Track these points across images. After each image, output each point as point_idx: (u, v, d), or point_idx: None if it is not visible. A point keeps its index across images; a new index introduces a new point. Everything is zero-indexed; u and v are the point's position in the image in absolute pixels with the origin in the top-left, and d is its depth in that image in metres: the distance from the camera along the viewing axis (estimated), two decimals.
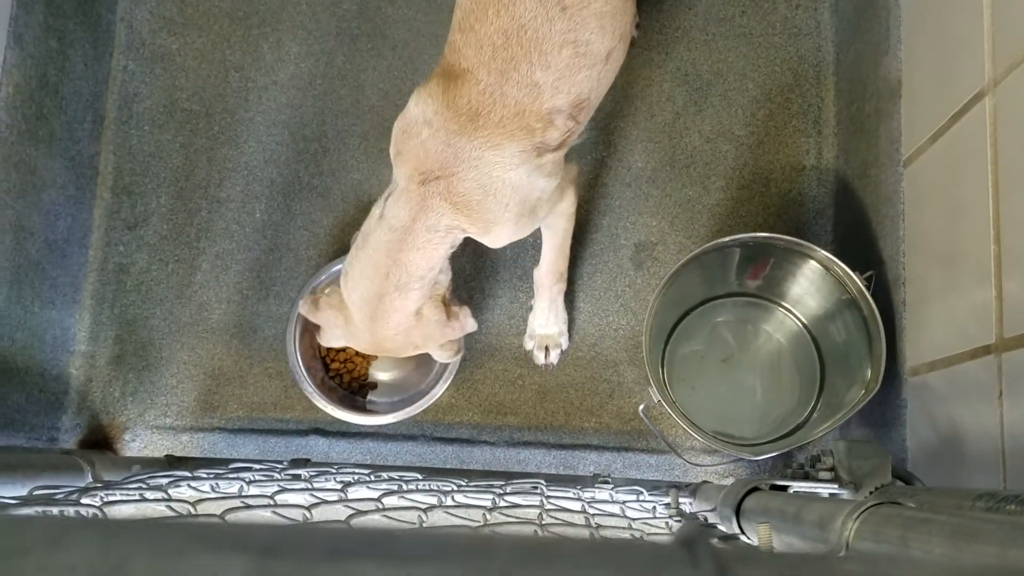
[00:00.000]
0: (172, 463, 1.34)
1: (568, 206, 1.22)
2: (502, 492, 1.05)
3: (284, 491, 0.99)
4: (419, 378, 1.40)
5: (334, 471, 1.17)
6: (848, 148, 1.38)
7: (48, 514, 0.80)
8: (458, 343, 1.19)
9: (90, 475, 1.12)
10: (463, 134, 1.02)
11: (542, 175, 1.08)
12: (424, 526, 0.88)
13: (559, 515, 0.98)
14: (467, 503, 0.98)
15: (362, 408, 1.39)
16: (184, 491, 1.05)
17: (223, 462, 1.30)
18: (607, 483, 1.20)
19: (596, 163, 1.45)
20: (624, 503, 1.10)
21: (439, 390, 1.33)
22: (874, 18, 1.27)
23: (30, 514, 0.78)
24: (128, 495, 0.94)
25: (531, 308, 1.39)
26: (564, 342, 1.39)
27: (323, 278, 1.37)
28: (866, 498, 0.80)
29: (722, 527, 0.95)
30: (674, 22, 1.48)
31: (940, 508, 0.66)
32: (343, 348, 1.38)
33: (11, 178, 1.24)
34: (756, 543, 0.82)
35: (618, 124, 1.46)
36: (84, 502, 0.86)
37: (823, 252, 1.20)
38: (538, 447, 1.39)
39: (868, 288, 1.17)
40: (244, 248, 1.45)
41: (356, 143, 1.47)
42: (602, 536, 0.87)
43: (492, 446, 1.40)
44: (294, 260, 1.44)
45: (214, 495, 1.06)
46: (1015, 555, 0.43)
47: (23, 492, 0.95)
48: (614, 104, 1.46)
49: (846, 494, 0.87)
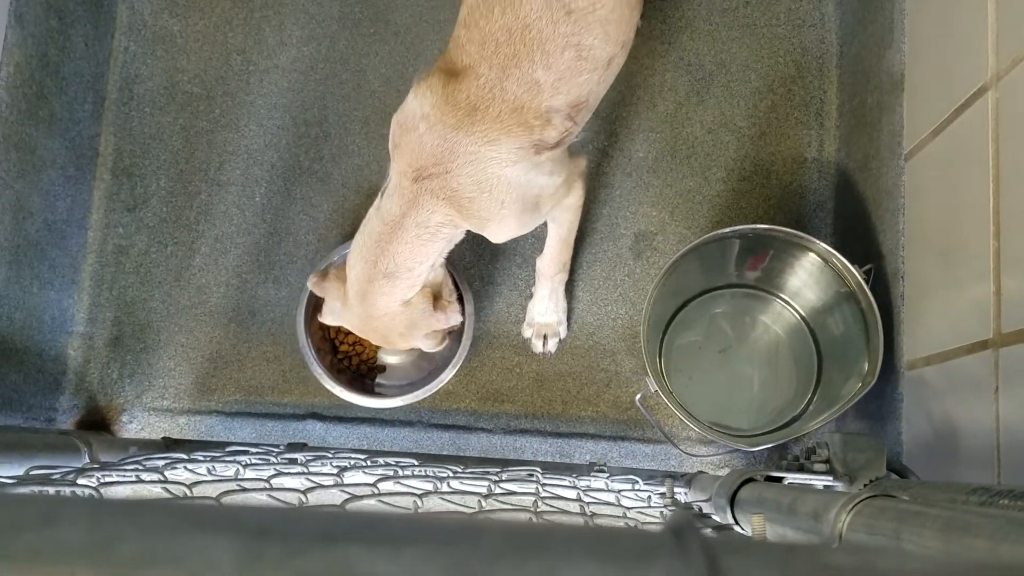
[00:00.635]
0: (169, 445, 1.35)
1: (575, 200, 1.21)
2: (498, 479, 1.05)
3: (280, 475, 0.99)
4: (427, 362, 1.41)
5: (330, 456, 1.17)
6: (850, 141, 1.38)
7: (43, 493, 0.80)
8: (442, 334, 1.20)
9: (87, 456, 1.12)
10: (460, 129, 1.02)
11: (541, 173, 1.08)
12: (419, 512, 0.88)
13: (554, 503, 0.98)
14: (463, 489, 0.98)
15: (370, 391, 1.39)
16: (180, 473, 1.05)
17: (220, 445, 1.30)
18: (603, 472, 1.20)
19: (597, 152, 1.45)
20: (619, 492, 1.11)
21: (447, 375, 1.33)
22: (878, 10, 1.27)
23: (23, 492, 0.78)
24: (124, 476, 0.94)
25: (530, 296, 1.39)
26: (563, 331, 1.39)
27: (335, 259, 1.37)
28: (860, 490, 0.80)
29: (716, 517, 0.95)
30: (678, 11, 1.48)
31: (934, 501, 0.66)
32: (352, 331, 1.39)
33: (11, 158, 1.23)
34: (749, 533, 0.83)
35: (620, 113, 1.46)
36: (80, 483, 0.86)
37: (822, 245, 1.20)
38: (535, 435, 1.40)
39: (867, 281, 1.17)
40: (243, 232, 1.45)
41: (357, 128, 1.47)
42: (594, 523, 0.88)
43: (489, 433, 1.40)
44: (293, 244, 1.44)
45: (210, 478, 1.06)
46: (1007, 549, 0.43)
47: (20, 472, 0.95)
48: (616, 93, 1.45)
49: (841, 486, 0.88)
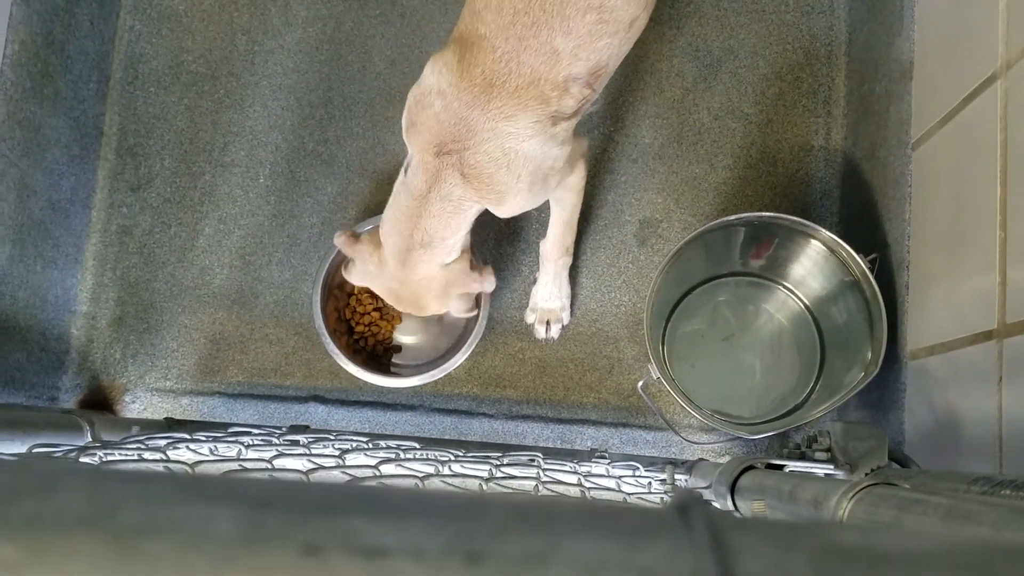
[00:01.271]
0: (171, 425, 1.35)
1: (578, 180, 1.21)
2: (499, 463, 1.05)
3: (282, 456, 0.99)
4: (443, 342, 1.41)
5: (332, 438, 1.17)
6: (857, 129, 1.37)
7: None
8: (473, 300, 1.21)
9: (89, 435, 1.13)
10: (476, 106, 1.01)
11: (555, 143, 1.08)
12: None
13: (555, 487, 0.98)
14: (464, 473, 0.98)
15: (386, 371, 1.40)
16: (182, 453, 1.05)
17: (222, 426, 1.30)
18: (604, 458, 1.20)
19: (603, 138, 1.44)
20: (620, 478, 1.11)
21: (462, 355, 1.33)
22: None
23: (22, 457, 0.78)
24: (126, 455, 0.94)
25: (534, 281, 1.38)
26: (566, 317, 1.39)
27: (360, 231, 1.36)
28: (862, 479, 0.80)
29: (716, 504, 0.95)
30: None
31: (935, 490, 0.66)
32: (368, 312, 1.40)
33: (15, 136, 1.23)
34: None
35: (626, 99, 1.45)
36: (82, 461, 0.87)
37: (827, 233, 1.19)
38: (536, 421, 1.40)
39: (872, 271, 1.16)
40: (247, 213, 1.45)
41: (362, 110, 1.46)
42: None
43: (491, 418, 1.40)
44: (297, 227, 1.44)
45: (212, 458, 1.06)
46: (1009, 537, 0.43)
47: (22, 449, 0.96)
48: (623, 79, 1.45)
49: (842, 475, 0.88)
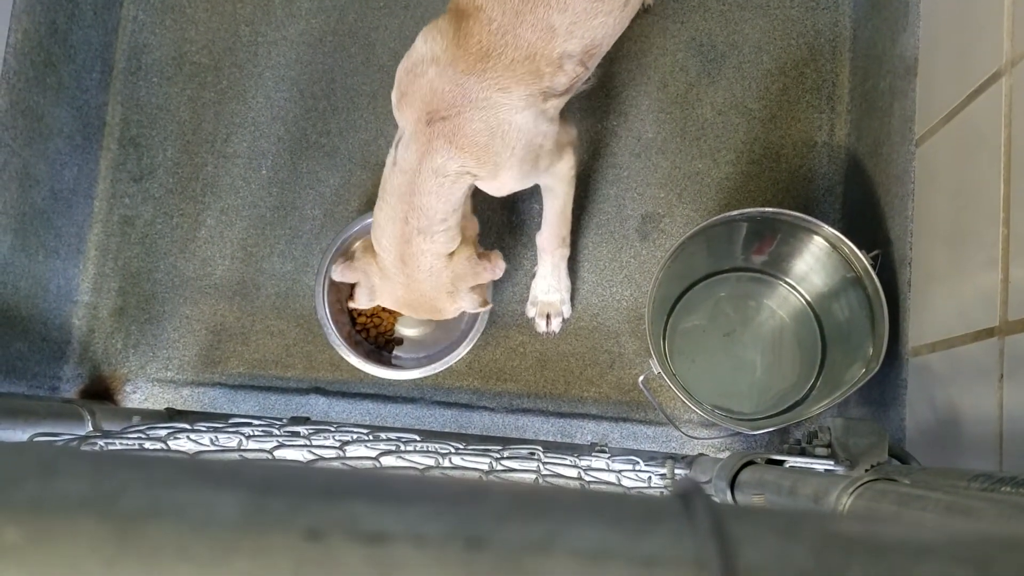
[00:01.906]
0: (172, 416, 1.35)
1: (568, 169, 1.20)
2: (499, 456, 1.05)
3: (282, 447, 0.99)
4: (444, 335, 1.41)
5: (333, 430, 1.17)
6: (861, 125, 1.37)
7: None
8: (485, 292, 1.18)
9: (90, 424, 1.13)
10: (472, 74, 1.01)
11: (545, 119, 1.07)
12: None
13: (555, 481, 0.98)
14: (464, 466, 0.98)
15: (388, 363, 1.40)
16: (183, 443, 1.05)
17: (223, 417, 1.30)
18: (604, 452, 1.20)
19: (606, 132, 1.44)
20: (620, 472, 1.11)
21: (464, 348, 1.33)
22: None
23: (23, 442, 0.78)
24: (127, 445, 0.94)
25: (534, 275, 1.38)
26: (566, 310, 1.39)
27: (355, 229, 1.36)
28: (862, 474, 0.80)
29: (716, 499, 0.95)
30: None
31: (935, 486, 0.66)
32: None
33: (18, 125, 1.23)
34: None
35: (630, 93, 1.44)
36: (84, 450, 0.87)
37: (830, 229, 1.19)
38: (537, 414, 1.40)
39: (874, 267, 1.16)
40: (249, 205, 1.45)
41: (365, 102, 1.46)
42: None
43: (491, 412, 1.40)
44: (299, 219, 1.44)
45: (213, 448, 1.06)
46: (1010, 529, 0.43)
47: (23, 438, 0.96)
48: (627, 73, 1.44)
49: (842, 471, 0.88)
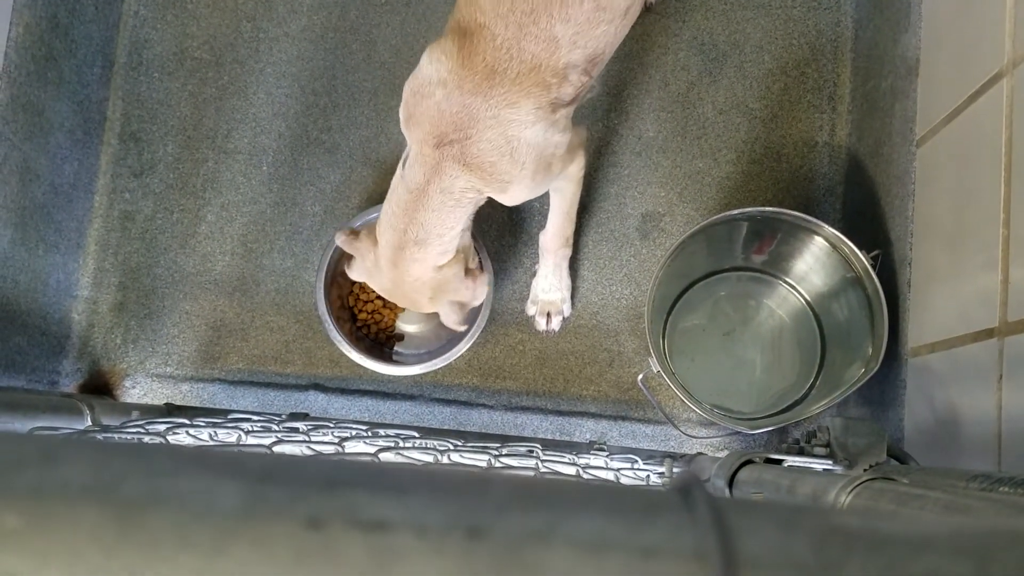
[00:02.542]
0: (171, 411, 1.35)
1: (577, 169, 1.21)
2: (498, 454, 1.06)
3: (281, 443, 0.99)
4: (445, 331, 1.41)
5: (332, 426, 1.17)
6: (862, 126, 1.37)
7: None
8: (464, 310, 1.19)
9: (89, 419, 1.13)
10: (478, 94, 1.01)
11: (557, 131, 1.07)
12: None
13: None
14: (463, 463, 0.98)
15: (388, 359, 1.40)
16: (182, 438, 1.05)
17: (222, 412, 1.30)
18: (602, 450, 1.20)
19: (607, 131, 1.44)
20: (618, 470, 1.11)
21: (464, 345, 1.34)
22: None
23: (23, 431, 0.79)
24: (127, 439, 0.94)
25: (535, 273, 1.38)
26: (566, 309, 1.39)
27: (358, 223, 1.36)
28: (860, 473, 0.80)
29: None
30: None
31: (934, 486, 0.66)
32: (371, 300, 1.41)
33: (19, 119, 1.23)
34: None
35: (631, 92, 1.44)
36: (84, 439, 0.87)
37: (830, 229, 1.19)
38: (536, 412, 1.40)
39: (874, 267, 1.16)
40: (249, 200, 1.45)
41: (366, 99, 1.46)
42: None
43: (490, 409, 1.40)
44: (299, 215, 1.44)
45: (212, 443, 1.06)
46: (1009, 524, 0.43)
47: (22, 432, 0.96)
48: (628, 71, 1.44)
49: (840, 470, 0.88)
